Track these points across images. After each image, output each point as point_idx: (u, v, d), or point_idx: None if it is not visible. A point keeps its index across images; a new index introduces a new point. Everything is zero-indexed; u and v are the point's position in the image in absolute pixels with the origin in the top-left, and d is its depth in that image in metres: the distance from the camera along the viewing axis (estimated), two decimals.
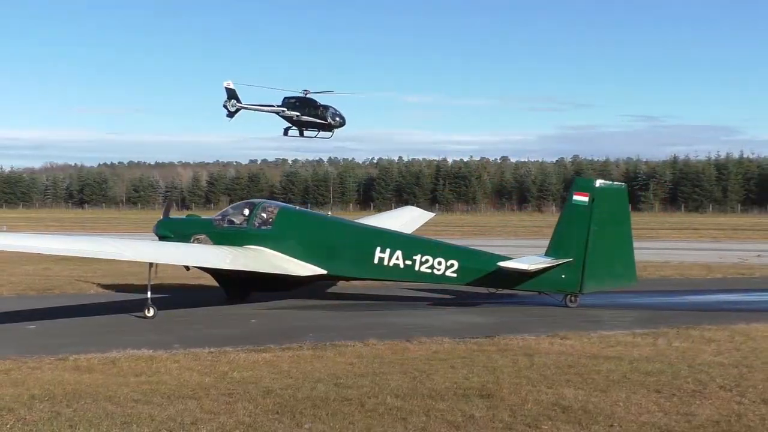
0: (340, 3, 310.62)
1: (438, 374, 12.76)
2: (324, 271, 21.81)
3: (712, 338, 16.14)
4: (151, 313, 19.35)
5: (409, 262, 21.21)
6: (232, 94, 46.11)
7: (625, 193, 21.69)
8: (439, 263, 21.12)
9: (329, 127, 47.63)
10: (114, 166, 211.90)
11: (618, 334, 16.63)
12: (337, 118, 47.69)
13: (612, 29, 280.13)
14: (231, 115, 46.80)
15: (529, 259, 21.24)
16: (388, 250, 21.35)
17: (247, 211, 23.23)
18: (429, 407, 10.77)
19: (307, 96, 47.03)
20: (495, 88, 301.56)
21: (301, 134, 48.26)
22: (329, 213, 24.14)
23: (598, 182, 21.58)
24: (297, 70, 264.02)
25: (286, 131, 48.39)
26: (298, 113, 46.96)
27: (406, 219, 31.05)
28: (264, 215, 22.91)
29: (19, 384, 11.99)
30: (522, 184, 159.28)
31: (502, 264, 20.91)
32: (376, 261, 21.39)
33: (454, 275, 21.14)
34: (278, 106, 47.24)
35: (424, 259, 21.18)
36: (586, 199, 20.74)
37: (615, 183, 22.16)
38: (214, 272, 22.36)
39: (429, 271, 21.15)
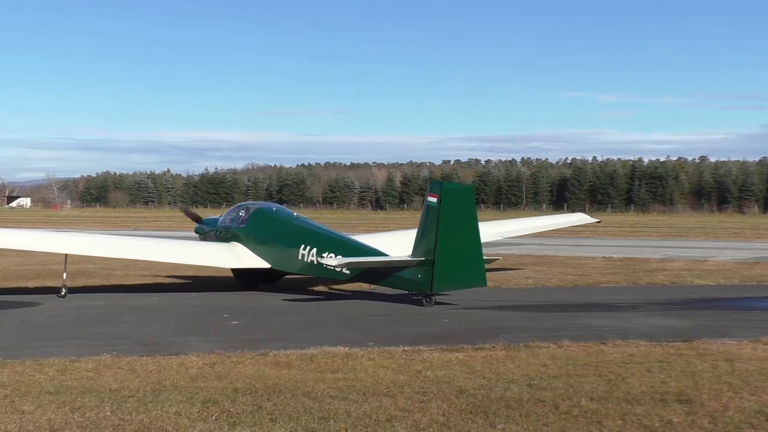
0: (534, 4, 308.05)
1: (634, 378, 12.49)
2: (269, 265, 24.17)
3: None
4: (63, 292, 22.60)
5: (320, 259, 22.38)
6: None
7: (471, 194, 21.32)
8: None
9: None
10: (311, 167, 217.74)
11: None
12: None
13: None
14: None
15: (361, 258, 21.76)
16: (308, 248, 22.90)
17: (235, 212, 26.59)
18: (625, 411, 10.56)
19: None
20: (693, 86, 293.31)
21: None
22: (295, 213, 25.27)
23: (446, 183, 21.28)
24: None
25: None
26: None
27: (559, 221, 36.42)
28: (243, 215, 25.83)
29: (223, 377, 12.45)
30: (722, 184, 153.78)
31: (320, 259, 22.26)
32: (299, 257, 23.04)
33: (348, 272, 22.10)
34: None
35: (329, 256, 22.15)
36: (435, 200, 20.39)
37: (462, 184, 21.75)
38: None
39: (331, 267, 22.14)
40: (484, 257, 21.68)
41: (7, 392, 11.32)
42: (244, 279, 25.43)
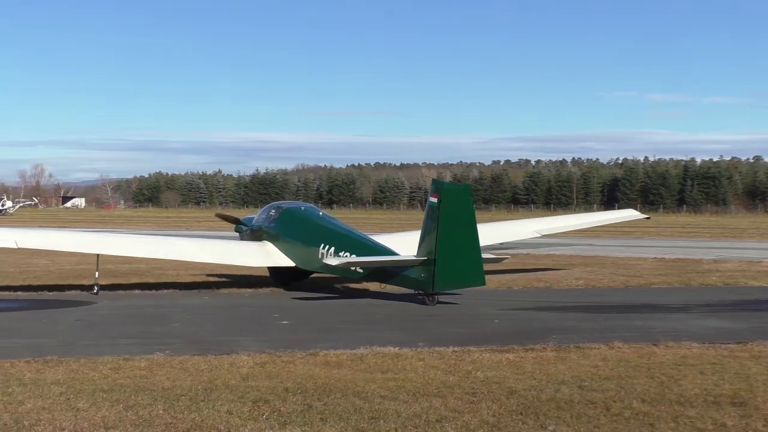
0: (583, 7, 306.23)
1: (687, 380, 12.37)
2: (293, 264, 24.60)
3: None
4: (95, 290, 23.45)
5: (326, 259, 22.85)
6: None
7: (469, 194, 21.22)
8: None
9: None
10: (361, 168, 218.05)
11: None
12: None
13: None
14: None
15: (361, 258, 22.20)
16: (326, 247, 23.19)
17: (267, 212, 27.21)
18: (677, 414, 10.46)
19: None
20: (747, 85, 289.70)
21: None
22: (321, 213, 25.80)
23: (445, 184, 21.47)
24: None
25: None
26: None
27: (604, 218, 37.70)
28: (273, 215, 26.47)
29: (273, 377, 12.52)
30: None
31: (326, 260, 22.75)
32: (319, 256, 23.24)
33: (361, 271, 22.55)
34: None
35: (344, 255, 22.52)
36: (436, 200, 20.57)
37: (460, 183, 21.74)
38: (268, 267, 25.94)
39: (333, 266, 22.64)
40: (492, 256, 22.90)
41: (63, 390, 11.48)
42: (276, 277, 25.99)
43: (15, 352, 14.35)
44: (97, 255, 23.96)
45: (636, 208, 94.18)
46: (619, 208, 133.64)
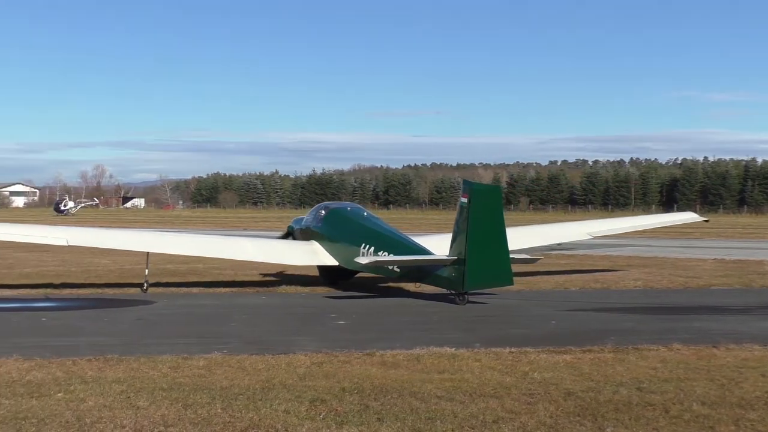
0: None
1: (748, 383, 12.20)
2: (336, 263, 25.01)
3: None
4: (144, 287, 24.03)
5: (356, 258, 23.24)
6: None
7: (499, 194, 21.70)
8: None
9: None
10: (417, 168, 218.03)
11: None
12: None
13: None
14: None
15: (390, 257, 22.65)
16: (367, 247, 23.44)
17: (315, 212, 27.57)
18: (738, 417, 10.33)
19: None
20: None
21: None
22: (365, 213, 25.98)
23: (475, 184, 21.53)
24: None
25: None
26: None
27: (661, 220, 38.75)
28: (321, 214, 26.81)
29: (330, 376, 12.56)
30: None
31: (356, 259, 23.13)
32: (361, 256, 23.35)
33: (398, 270, 22.88)
34: None
35: (382, 254, 22.86)
36: (466, 200, 20.65)
37: (490, 184, 21.48)
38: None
39: (362, 264, 23.14)
40: (526, 256, 23.51)
41: (123, 388, 11.64)
42: (323, 276, 26.54)
43: (77, 350, 14.58)
44: (147, 253, 24.64)
45: (695, 209, 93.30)
46: (678, 208, 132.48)
